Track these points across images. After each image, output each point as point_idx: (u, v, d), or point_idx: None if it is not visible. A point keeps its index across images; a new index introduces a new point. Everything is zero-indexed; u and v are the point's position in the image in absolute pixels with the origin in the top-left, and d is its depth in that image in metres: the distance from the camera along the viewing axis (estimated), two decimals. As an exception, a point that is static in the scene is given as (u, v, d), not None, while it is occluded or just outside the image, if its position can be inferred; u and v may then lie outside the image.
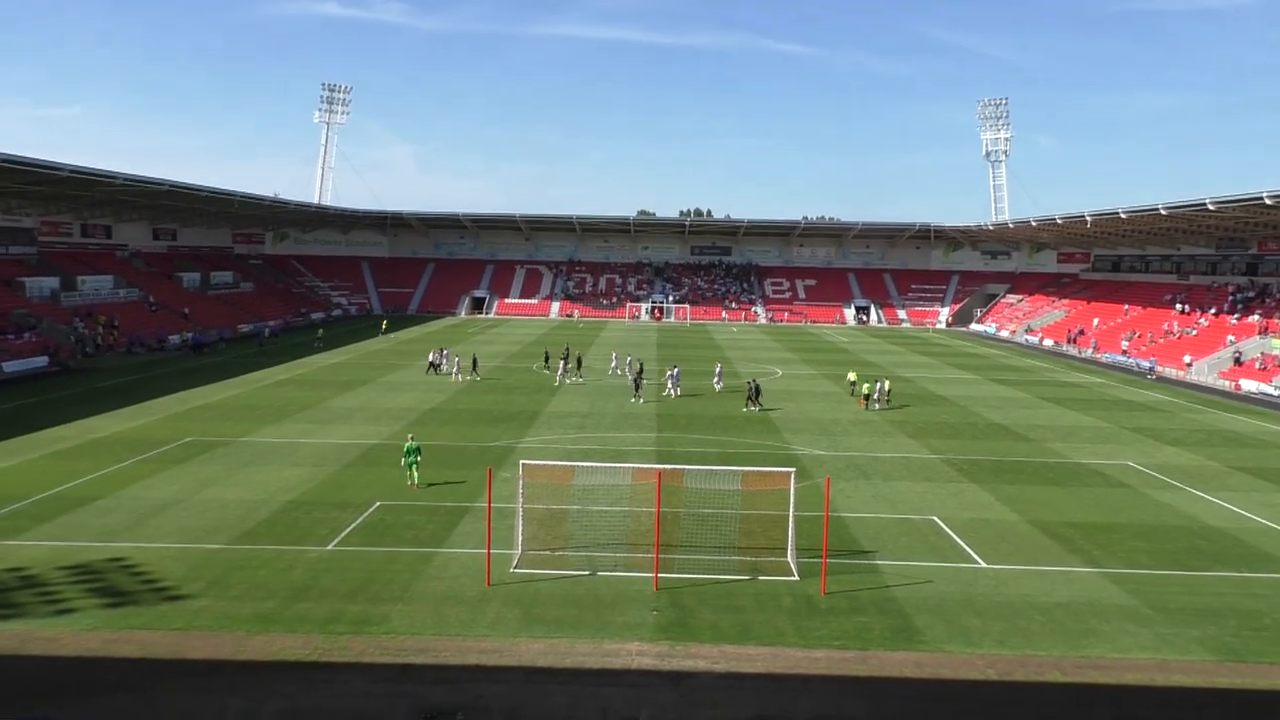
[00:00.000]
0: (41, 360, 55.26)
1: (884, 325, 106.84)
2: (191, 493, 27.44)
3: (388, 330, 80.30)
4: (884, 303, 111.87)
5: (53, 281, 70.05)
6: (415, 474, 28.68)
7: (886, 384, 47.38)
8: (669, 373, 49.71)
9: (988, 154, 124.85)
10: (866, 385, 47.11)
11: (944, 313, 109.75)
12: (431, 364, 55.09)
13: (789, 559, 21.86)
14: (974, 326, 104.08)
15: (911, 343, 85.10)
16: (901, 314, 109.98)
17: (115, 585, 20.00)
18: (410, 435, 30.16)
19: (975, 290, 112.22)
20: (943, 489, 29.90)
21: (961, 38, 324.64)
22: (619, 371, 55.65)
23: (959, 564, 22.61)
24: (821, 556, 20.96)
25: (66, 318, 65.03)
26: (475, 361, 55.36)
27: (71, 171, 57.37)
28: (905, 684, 16.45)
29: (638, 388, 47.24)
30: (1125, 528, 25.99)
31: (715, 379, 51.41)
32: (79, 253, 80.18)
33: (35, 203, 70.92)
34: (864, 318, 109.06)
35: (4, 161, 51.58)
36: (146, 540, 22.98)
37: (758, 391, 44.92)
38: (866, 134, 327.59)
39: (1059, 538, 24.87)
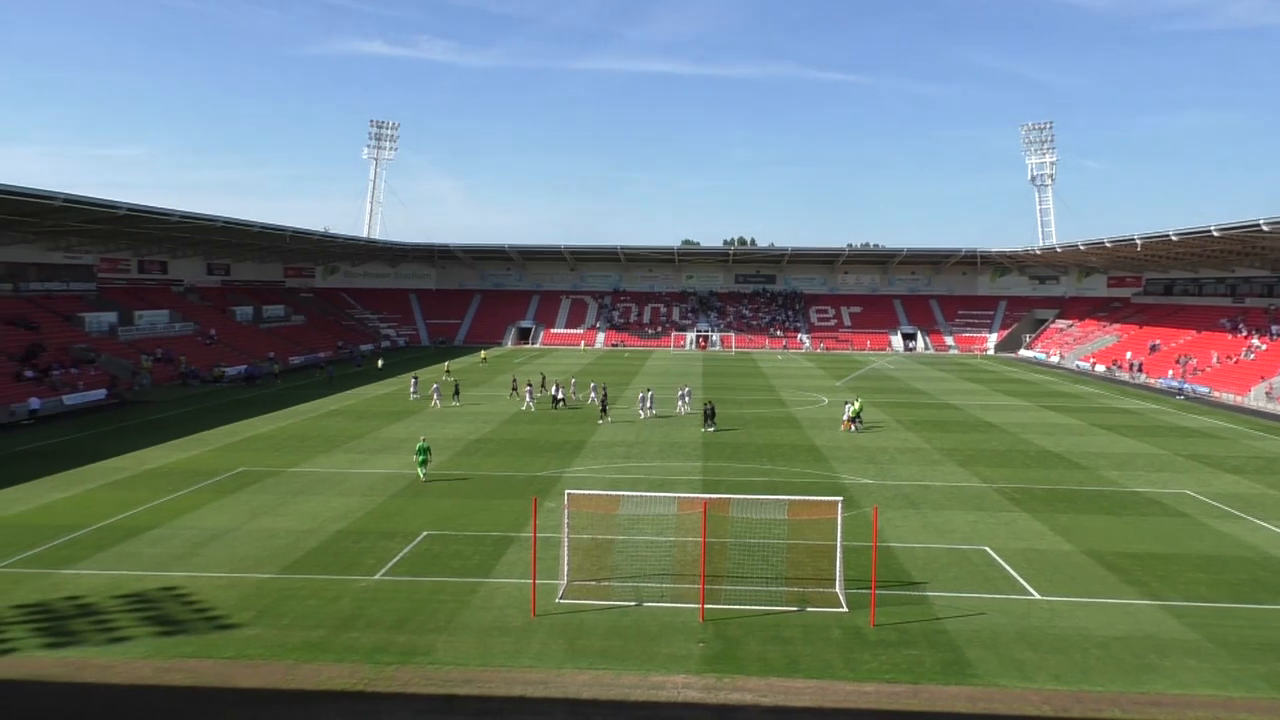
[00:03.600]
0: (100, 393, 56.64)
1: (931, 352, 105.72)
2: (243, 522, 27.83)
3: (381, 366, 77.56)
4: (931, 329, 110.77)
5: (111, 316, 71.95)
6: (423, 471, 33.82)
7: (855, 405, 47.91)
8: (640, 396, 51.51)
9: (1033, 178, 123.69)
10: (853, 407, 47.53)
11: (992, 339, 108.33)
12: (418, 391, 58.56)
13: (837, 590, 21.57)
14: (1022, 352, 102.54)
15: (959, 369, 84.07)
16: (949, 340, 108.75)
17: (168, 614, 20.31)
18: (422, 436, 36.86)
19: (1023, 315, 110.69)
20: (994, 518, 29.37)
21: (1005, 62, 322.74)
22: (559, 396, 55.41)
23: (1012, 595, 22.14)
24: (870, 587, 20.66)
25: (124, 351, 66.68)
26: (457, 389, 58.03)
27: (129, 210, 59.01)
28: (958, 719, 16.08)
29: (604, 410, 49.40)
30: (1184, 558, 25.29)
31: (680, 402, 52.44)
32: (136, 288, 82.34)
33: (95, 240, 73.00)
34: (911, 345, 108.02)
35: (67, 201, 53.20)
36: (199, 569, 23.33)
37: (713, 413, 46.58)
38: (912, 160, 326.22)
39: (1115, 569, 24.27)
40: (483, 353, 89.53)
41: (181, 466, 36.15)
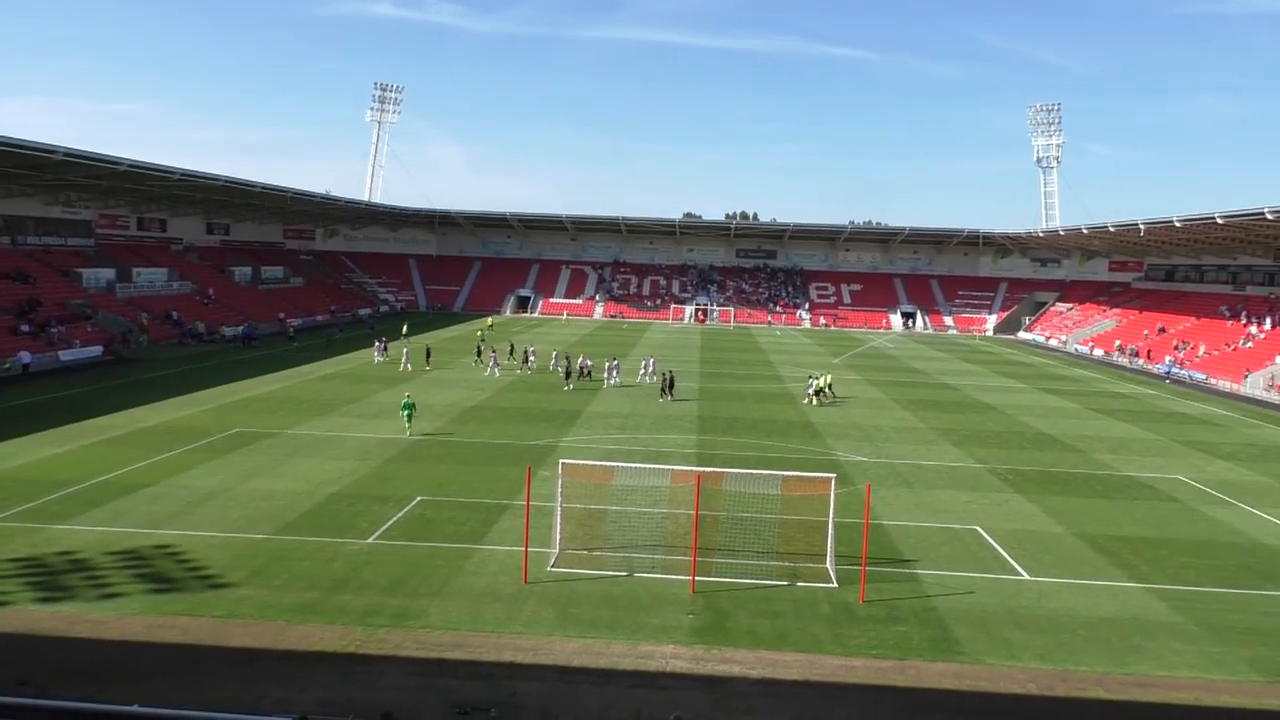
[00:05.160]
0: (96, 349, 56.56)
1: (930, 331, 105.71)
2: (237, 483, 27.87)
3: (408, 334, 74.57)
4: (930, 309, 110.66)
5: (109, 273, 71.66)
6: (409, 425, 35.64)
7: (821, 380, 49.19)
8: (607, 365, 52.44)
9: (1039, 160, 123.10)
10: (817, 382, 48.83)
11: (991, 320, 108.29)
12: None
13: (828, 565, 21.67)
14: (1021, 334, 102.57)
15: (958, 350, 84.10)
16: (948, 320, 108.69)
17: (161, 571, 20.38)
18: (407, 394, 38.37)
19: (1024, 298, 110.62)
20: (987, 499, 29.47)
21: (1015, 43, 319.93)
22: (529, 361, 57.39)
23: (1002, 575, 22.26)
24: (861, 564, 20.75)
25: (122, 309, 66.52)
26: (428, 352, 58.35)
27: (130, 166, 58.62)
28: (944, 695, 16.22)
29: (567, 376, 50.96)
30: (1174, 543, 25.41)
31: (642, 372, 53.69)
32: (135, 245, 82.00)
33: (94, 196, 72.62)
34: (910, 324, 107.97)
35: (66, 155, 52.83)
36: (192, 528, 23.39)
37: (671, 384, 47.50)
38: (916, 138, 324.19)
39: (1105, 551, 24.39)
40: (489, 319, 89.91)
41: (177, 425, 36.15)
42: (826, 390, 48.40)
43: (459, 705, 14.83)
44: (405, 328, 75.87)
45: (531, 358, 58.03)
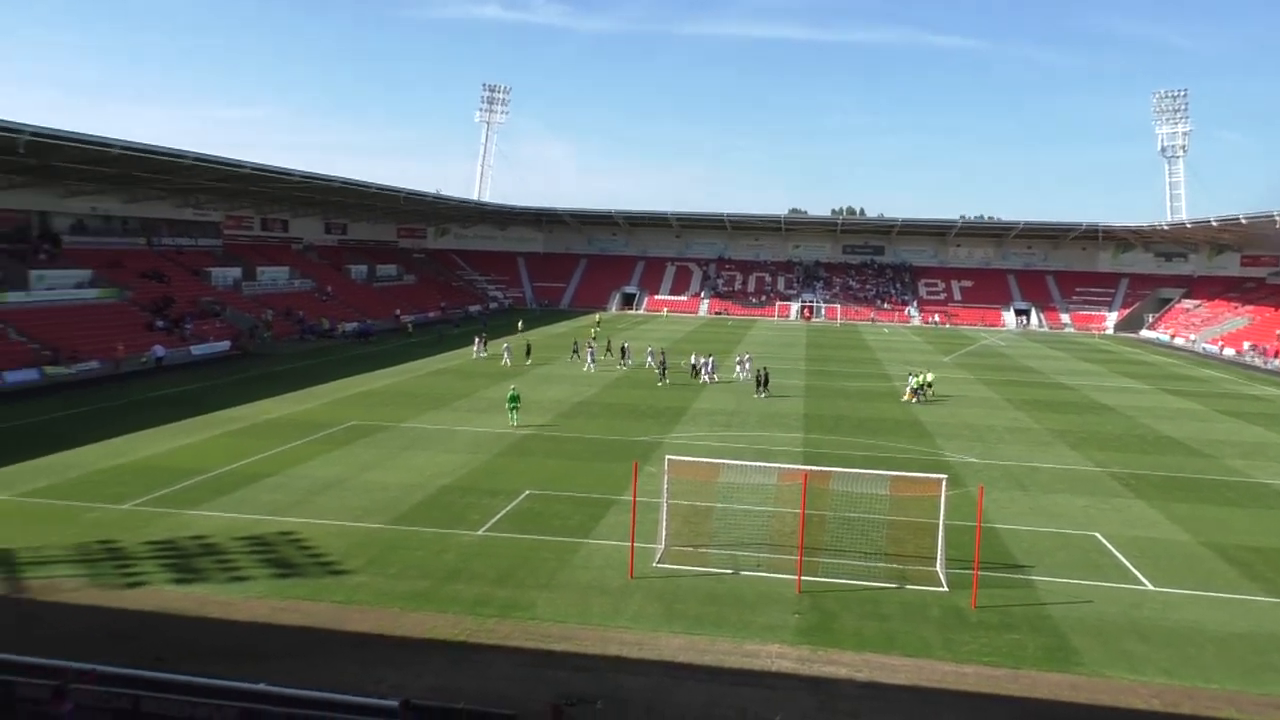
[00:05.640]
0: (224, 344, 59.36)
1: (1045, 329, 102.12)
2: (353, 474, 28.88)
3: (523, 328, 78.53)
4: (1046, 305, 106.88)
5: (235, 272, 75.18)
6: (515, 417, 36.80)
7: (920, 377, 48.34)
8: (703, 361, 52.48)
9: (1163, 149, 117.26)
10: (916, 379, 47.94)
11: (1111, 317, 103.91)
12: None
13: (938, 569, 21.20)
14: (1144, 333, 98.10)
15: (1075, 348, 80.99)
16: (1065, 318, 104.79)
17: (283, 557, 21.29)
18: (513, 386, 39.62)
19: (1147, 294, 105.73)
20: (1106, 504, 28.33)
21: (1136, 27, 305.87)
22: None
23: (1122, 584, 21.37)
24: (973, 568, 20.21)
25: (247, 306, 69.63)
26: (529, 349, 59.11)
27: (253, 169, 61.38)
28: (1060, 707, 15.68)
29: (662, 373, 50.85)
30: (1314, 555, 23.97)
31: (738, 368, 53.65)
32: (259, 245, 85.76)
33: (221, 198, 76.19)
34: (1024, 321, 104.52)
35: (196, 159, 55.68)
36: (312, 516, 24.35)
37: (766, 379, 47.10)
38: (1030, 130, 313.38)
39: (1237, 562, 23.16)
40: (598, 315, 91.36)
41: (296, 418, 37.65)
42: (926, 388, 47.46)
43: (566, 696, 15.04)
44: (521, 323, 77.94)
45: (627, 354, 58.91)
